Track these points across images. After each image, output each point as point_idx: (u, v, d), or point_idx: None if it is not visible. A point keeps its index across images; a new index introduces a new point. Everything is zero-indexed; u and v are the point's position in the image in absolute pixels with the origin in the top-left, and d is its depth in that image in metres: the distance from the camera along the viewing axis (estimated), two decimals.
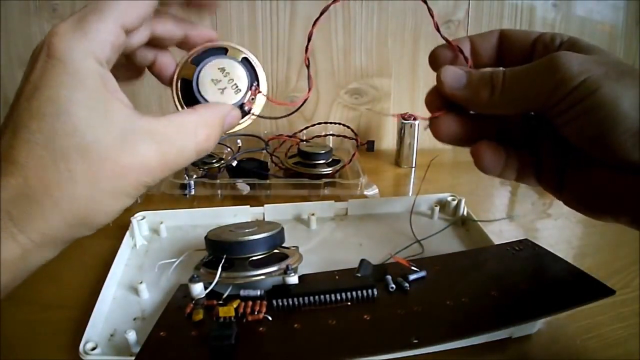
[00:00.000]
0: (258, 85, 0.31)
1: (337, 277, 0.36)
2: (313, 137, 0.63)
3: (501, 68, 0.27)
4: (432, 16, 0.28)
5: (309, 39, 0.28)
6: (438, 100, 0.28)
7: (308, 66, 0.29)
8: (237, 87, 0.30)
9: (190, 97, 0.30)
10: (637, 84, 0.23)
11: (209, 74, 0.30)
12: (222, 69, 0.30)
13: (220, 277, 0.33)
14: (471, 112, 0.28)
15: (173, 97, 0.30)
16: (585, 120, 0.23)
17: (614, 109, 0.22)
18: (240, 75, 0.30)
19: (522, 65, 0.25)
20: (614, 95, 0.23)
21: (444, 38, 0.29)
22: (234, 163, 0.57)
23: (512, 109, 0.26)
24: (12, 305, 0.36)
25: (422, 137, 0.65)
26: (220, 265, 0.33)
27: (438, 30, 0.29)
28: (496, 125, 0.29)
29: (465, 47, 0.29)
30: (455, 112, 0.28)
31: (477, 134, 0.28)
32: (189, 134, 0.24)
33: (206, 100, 0.30)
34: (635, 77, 0.23)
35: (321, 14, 0.28)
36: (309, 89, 0.30)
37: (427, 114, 0.29)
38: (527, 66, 0.25)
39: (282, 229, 0.38)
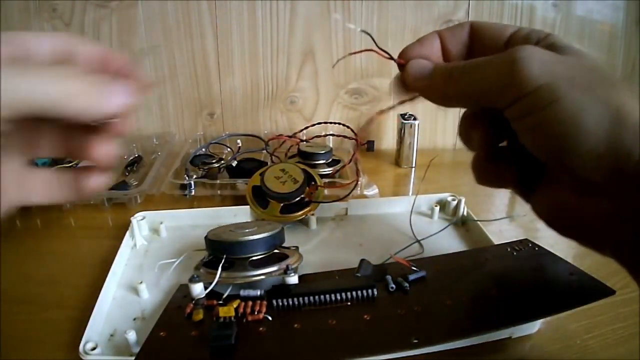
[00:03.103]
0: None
1: (337, 277, 0.36)
2: (313, 137, 0.63)
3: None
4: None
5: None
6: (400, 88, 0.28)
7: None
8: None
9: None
10: (608, 97, 0.20)
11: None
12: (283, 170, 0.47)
13: (220, 277, 0.33)
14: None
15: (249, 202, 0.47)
16: (542, 132, 0.21)
17: (575, 126, 0.20)
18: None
19: (483, 57, 0.23)
20: (577, 109, 0.20)
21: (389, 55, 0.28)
22: (234, 163, 0.57)
23: (466, 102, 0.25)
24: (12, 305, 0.36)
25: (422, 137, 0.65)
26: (220, 265, 0.33)
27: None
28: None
29: (434, 42, 0.27)
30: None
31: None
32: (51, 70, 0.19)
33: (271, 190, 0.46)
34: (610, 88, 0.20)
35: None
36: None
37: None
38: (487, 58, 0.23)
39: (282, 229, 0.38)
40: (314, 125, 0.62)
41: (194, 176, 0.55)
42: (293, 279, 0.33)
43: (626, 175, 0.20)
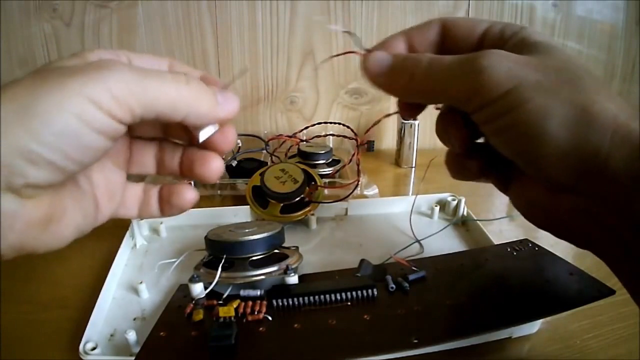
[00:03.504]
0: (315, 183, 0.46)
1: (337, 277, 0.36)
2: (313, 137, 0.63)
3: (427, 54, 0.24)
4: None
5: None
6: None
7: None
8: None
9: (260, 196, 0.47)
10: (573, 97, 0.20)
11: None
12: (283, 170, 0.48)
13: (220, 277, 0.33)
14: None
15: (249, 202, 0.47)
16: (509, 135, 0.21)
17: (540, 128, 0.20)
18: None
19: (449, 56, 0.22)
20: (542, 112, 0.20)
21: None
22: (234, 163, 0.57)
23: (430, 101, 0.25)
24: (12, 305, 0.36)
25: (422, 137, 0.65)
26: (220, 265, 0.33)
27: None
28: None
29: (398, 44, 0.26)
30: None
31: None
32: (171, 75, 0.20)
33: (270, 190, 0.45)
34: (576, 88, 0.20)
35: None
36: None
37: None
38: (453, 58, 0.22)
39: (282, 228, 0.38)
40: (314, 125, 0.62)
41: None
42: (293, 279, 0.33)
43: (593, 173, 0.20)
